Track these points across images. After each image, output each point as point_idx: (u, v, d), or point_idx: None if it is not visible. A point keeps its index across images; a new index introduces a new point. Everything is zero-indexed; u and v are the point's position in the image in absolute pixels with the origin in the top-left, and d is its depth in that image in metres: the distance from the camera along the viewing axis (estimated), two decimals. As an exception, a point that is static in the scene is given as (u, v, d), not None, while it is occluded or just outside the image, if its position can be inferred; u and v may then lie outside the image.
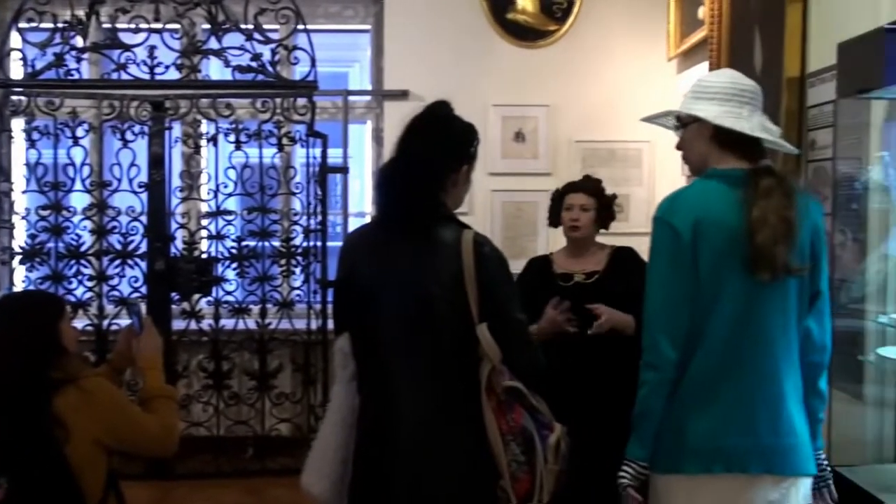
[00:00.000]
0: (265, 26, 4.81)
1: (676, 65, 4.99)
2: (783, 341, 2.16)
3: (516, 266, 3.55)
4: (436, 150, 2.30)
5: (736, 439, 2.13)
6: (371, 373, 2.31)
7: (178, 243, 4.96)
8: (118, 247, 4.91)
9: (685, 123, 2.31)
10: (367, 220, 2.51)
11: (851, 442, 2.71)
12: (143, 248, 4.89)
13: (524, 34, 5.21)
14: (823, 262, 2.21)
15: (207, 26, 4.84)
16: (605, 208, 3.38)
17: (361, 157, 6.13)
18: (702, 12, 4.32)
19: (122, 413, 2.44)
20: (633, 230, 5.05)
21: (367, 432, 2.30)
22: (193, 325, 4.96)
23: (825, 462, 2.29)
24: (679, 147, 2.35)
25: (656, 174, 5.15)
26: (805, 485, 2.19)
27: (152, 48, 4.79)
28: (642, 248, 4.73)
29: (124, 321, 4.60)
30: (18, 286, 4.88)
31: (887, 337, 2.69)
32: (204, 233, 5.00)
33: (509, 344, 2.22)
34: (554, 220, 3.48)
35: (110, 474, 2.45)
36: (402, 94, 5.14)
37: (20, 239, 4.90)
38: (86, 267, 4.91)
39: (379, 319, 2.27)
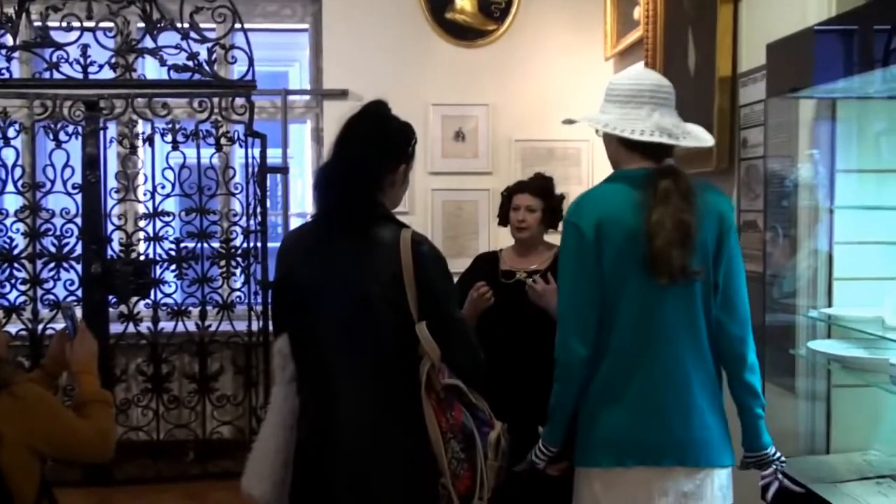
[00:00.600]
0: (202, 25, 4.76)
1: (614, 64, 5.05)
2: (689, 338, 2.21)
3: (457, 265, 3.56)
4: (373, 149, 2.30)
5: (648, 433, 2.20)
6: (310, 374, 2.31)
7: (115, 245, 4.89)
8: (52, 249, 4.82)
9: (598, 130, 2.40)
10: (308, 220, 2.50)
11: (784, 434, 2.75)
12: (79, 250, 4.81)
13: (463, 34, 5.23)
14: (731, 255, 2.24)
15: (142, 25, 4.79)
16: (553, 209, 3.39)
17: (301, 157, 6.09)
18: (637, 13, 4.38)
19: (56, 419, 2.39)
20: (573, 228, 5.12)
21: (308, 433, 2.29)
22: (131, 329, 4.90)
23: (772, 458, 2.32)
24: (606, 150, 2.42)
25: (595, 173, 5.20)
26: (720, 476, 2.25)
27: (85, 47, 4.72)
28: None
29: (59, 325, 4.53)
30: (-52, 291, 4.77)
31: (817, 331, 2.74)
32: (141, 234, 4.93)
33: (448, 342, 2.24)
34: (503, 219, 3.50)
35: (43, 481, 2.40)
36: (342, 94, 5.12)
37: (-50, 242, 4.79)
38: (19, 270, 4.82)
39: (318, 320, 2.26)
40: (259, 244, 4.89)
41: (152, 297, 4.89)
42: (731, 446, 2.30)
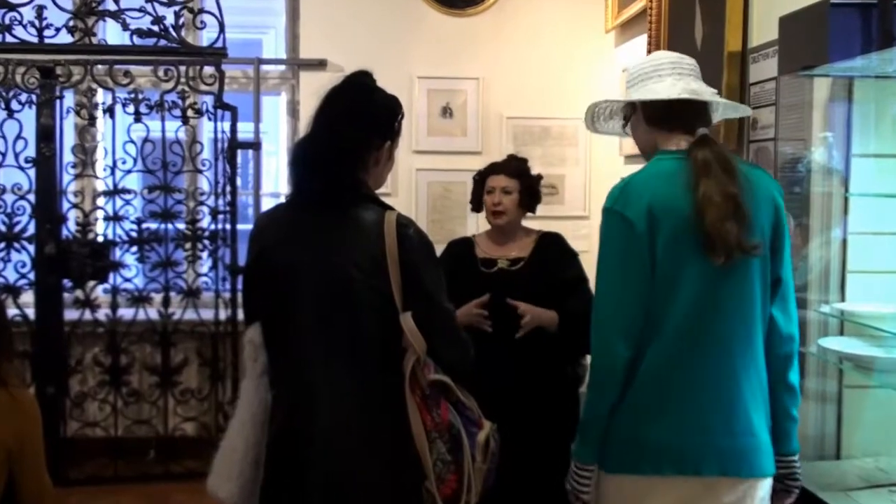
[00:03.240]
0: (168, -14, 4.74)
1: (615, 37, 5.05)
2: (743, 334, 2.18)
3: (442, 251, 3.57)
4: (356, 124, 2.29)
5: (688, 439, 2.16)
6: (284, 366, 2.30)
7: (71, 225, 4.86)
8: (2, 228, 4.79)
9: (626, 119, 2.39)
10: (282, 200, 2.49)
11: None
12: (31, 229, 4.78)
13: (452, 1, 5.21)
14: (786, 247, 2.25)
15: (103, -15, 4.75)
16: (530, 191, 3.38)
17: (275, 132, 6.08)
18: (641, -19, 4.38)
19: (39, 436, 2.46)
20: (570, 213, 5.14)
21: (281, 431, 2.29)
22: (88, 316, 4.89)
23: (797, 469, 2.31)
24: (637, 143, 2.41)
25: (593, 154, 5.21)
26: (763, 487, 2.22)
27: (41, 8, 4.68)
28: (580, 232, 4.85)
29: (11, 311, 4.51)
30: None
31: (829, 327, 2.76)
32: (100, 213, 4.91)
33: (435, 334, 2.24)
34: (476, 205, 3.48)
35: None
36: (320, 64, 5.10)
37: None
38: (-34, 251, 4.79)
39: (292, 307, 2.26)
40: (228, 226, 4.88)
41: (111, 281, 4.87)
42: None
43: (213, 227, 4.91)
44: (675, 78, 2.28)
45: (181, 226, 4.95)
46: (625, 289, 2.17)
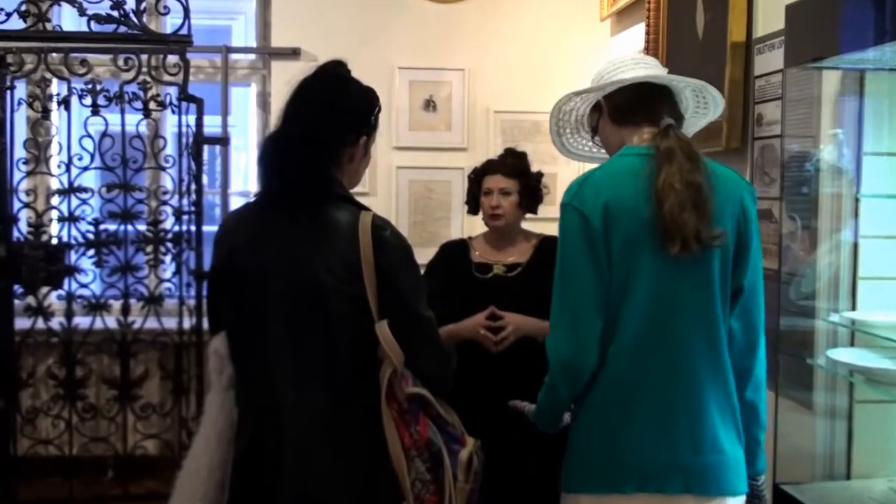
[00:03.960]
0: (129, -31, 4.72)
1: (610, 25, 5.07)
2: (705, 340, 2.21)
3: (425, 256, 3.57)
4: (329, 117, 2.29)
5: (651, 455, 2.19)
6: (252, 379, 2.30)
7: (23, 226, 4.83)
8: (-52, 230, 4.76)
9: (593, 129, 2.47)
10: (251, 199, 2.48)
11: (799, 456, 2.79)
12: (-21, 231, 4.76)
13: (437, -15, 5.22)
14: (751, 254, 2.27)
15: (58, -34, 4.73)
16: (531, 191, 3.38)
17: (244, 126, 6.07)
18: (639, -34, 4.40)
19: None
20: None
21: (248, 448, 2.28)
22: (41, 324, 4.86)
23: (762, 489, 2.36)
24: (606, 148, 2.47)
25: (587, 151, 5.21)
26: None
27: (-10, -9, 4.66)
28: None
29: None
30: None
31: (839, 338, 2.77)
32: (54, 214, 4.88)
33: (414, 344, 2.24)
34: (473, 206, 3.48)
35: None
36: (293, 53, 5.10)
37: None
38: None
39: (261, 316, 2.25)
40: (193, 227, 4.85)
41: (66, 287, 4.84)
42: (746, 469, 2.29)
43: (176, 228, 4.89)
44: (633, 65, 2.37)
45: (142, 227, 4.93)
46: (584, 289, 2.21)
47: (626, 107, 2.35)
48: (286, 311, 2.23)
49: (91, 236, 4.85)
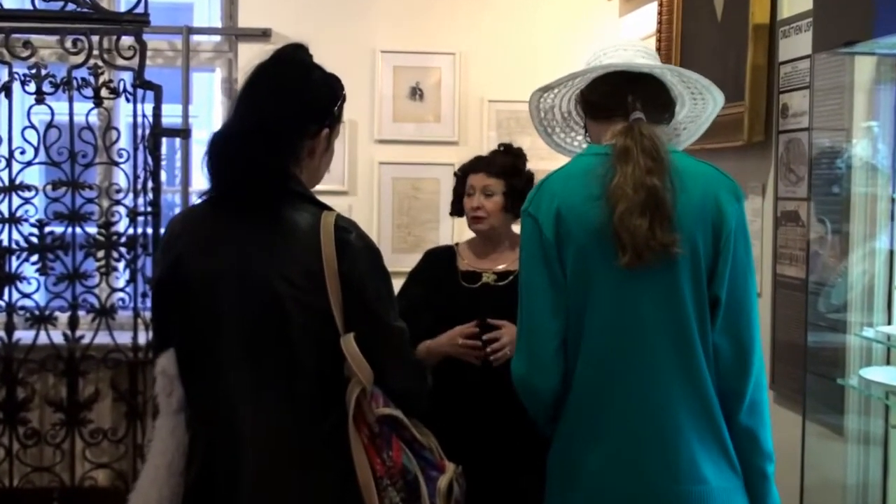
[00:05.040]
0: (78, -61, 4.72)
1: (619, 5, 5.08)
2: (675, 357, 2.22)
3: (409, 263, 3.58)
4: (286, 107, 2.30)
5: (621, 482, 2.22)
6: (203, 401, 2.30)
7: (-43, 228, 4.82)
8: None
9: (585, 126, 2.50)
10: (200, 199, 2.48)
11: (829, 488, 2.79)
12: None
13: (424, -41, 5.23)
14: (732, 261, 2.25)
15: (-2, -64, 4.73)
16: (518, 193, 3.36)
17: (208, 117, 6.06)
18: (651, -62, 4.41)
19: None
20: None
21: (201, 479, 2.28)
22: (-23, 339, 4.84)
23: None
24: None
25: (592, 145, 5.22)
26: None
27: (-79, -36, 4.66)
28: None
29: None
30: None
31: (873, 355, 2.78)
32: (-8, 215, 4.87)
33: (384, 359, 2.25)
34: (456, 207, 3.50)
35: None
36: (263, 35, 5.09)
37: None
38: None
39: (213, 331, 2.26)
40: (150, 230, 4.85)
41: (6, 297, 4.83)
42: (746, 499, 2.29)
43: (131, 231, 4.88)
44: (612, 52, 2.40)
45: (92, 230, 4.91)
46: (542, 305, 2.26)
47: (596, 100, 2.39)
48: (241, 325, 2.24)
49: (35, 240, 4.83)
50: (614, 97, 2.34)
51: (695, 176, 2.28)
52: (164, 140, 4.91)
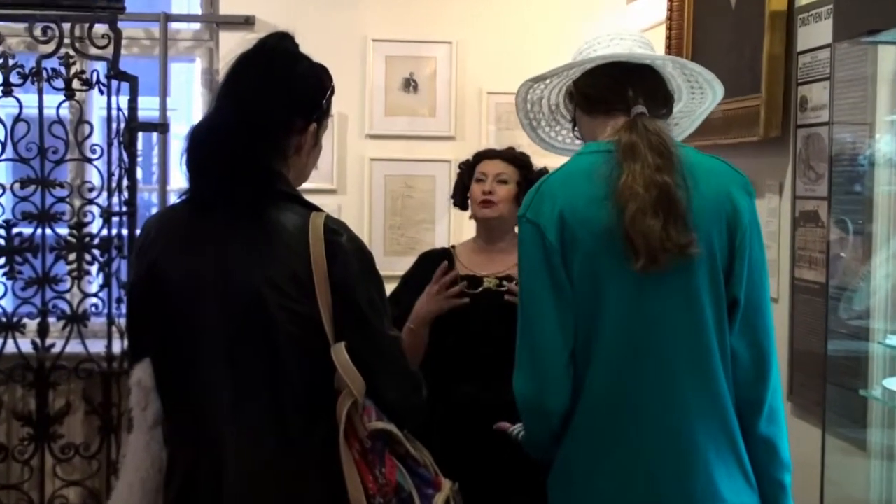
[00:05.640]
0: (48, -81, 4.73)
1: (627, -10, 5.09)
2: (694, 365, 2.23)
3: (402, 267, 3.58)
4: (271, 100, 2.30)
5: (634, 502, 2.22)
6: (183, 415, 2.31)
7: (-82, 229, 4.83)
8: None
9: (573, 120, 2.52)
10: (178, 199, 2.48)
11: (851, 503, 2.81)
12: None
13: (418, -58, 5.24)
14: (748, 259, 2.27)
15: (-39, -84, 4.73)
16: (531, 185, 3.38)
17: (187, 110, 6.06)
18: (661, -81, 4.42)
19: None
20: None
21: (179, 498, 2.28)
22: (-60, 348, 4.84)
23: None
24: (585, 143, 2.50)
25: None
26: None
27: None
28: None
29: None
30: None
31: (898, 364, 2.79)
32: (-44, 215, 4.88)
33: (377, 370, 2.25)
34: (461, 199, 3.50)
35: None
36: (245, 23, 5.08)
37: None
38: None
39: (192, 340, 2.26)
40: (125, 231, 4.86)
41: (-29, 303, 4.84)
42: None
43: (105, 232, 4.89)
44: (607, 43, 2.41)
45: (63, 231, 4.92)
46: (545, 316, 2.25)
47: (594, 93, 2.39)
48: (223, 333, 2.24)
49: (1, 242, 4.84)
50: (614, 90, 2.35)
51: (706, 171, 2.28)
52: (140, 135, 4.91)
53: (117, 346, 4.88)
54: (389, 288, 2.67)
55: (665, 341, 2.22)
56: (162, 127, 5.08)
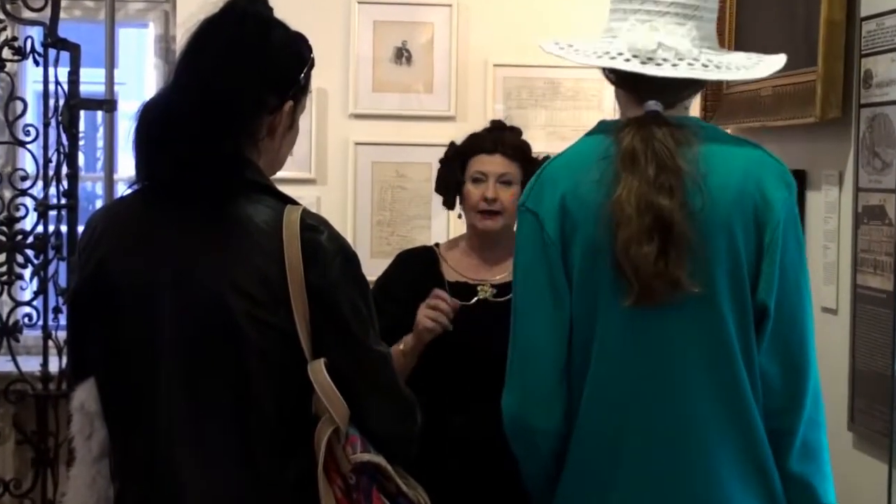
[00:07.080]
0: None
1: (658, -55, 5.09)
2: (711, 384, 2.23)
3: (393, 269, 3.57)
4: (239, 75, 2.29)
5: None
6: (132, 445, 2.31)
7: None
8: None
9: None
10: (129, 190, 2.48)
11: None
12: None
13: None
14: (781, 259, 2.25)
15: None
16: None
17: (139, 84, 6.07)
18: None
19: None
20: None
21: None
22: None
23: None
24: None
25: (625, 122, 5.23)
26: None
27: None
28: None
29: None
30: None
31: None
32: None
33: (362, 392, 2.26)
34: (450, 197, 3.48)
35: None
36: (209, -19, 5.11)
37: None
38: None
39: (146, 355, 2.26)
40: (64, 228, 4.86)
41: None
42: None
43: (40, 229, 4.90)
44: (639, 18, 2.33)
45: (-9, 228, 4.94)
46: (540, 322, 2.27)
47: (613, 76, 2.40)
48: (180, 349, 2.24)
49: (-82, 240, 4.86)
50: (625, 78, 2.34)
51: (732, 157, 2.28)
52: (82, 114, 4.92)
53: (55, 364, 4.88)
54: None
55: (678, 354, 2.22)
56: (108, 104, 5.07)
